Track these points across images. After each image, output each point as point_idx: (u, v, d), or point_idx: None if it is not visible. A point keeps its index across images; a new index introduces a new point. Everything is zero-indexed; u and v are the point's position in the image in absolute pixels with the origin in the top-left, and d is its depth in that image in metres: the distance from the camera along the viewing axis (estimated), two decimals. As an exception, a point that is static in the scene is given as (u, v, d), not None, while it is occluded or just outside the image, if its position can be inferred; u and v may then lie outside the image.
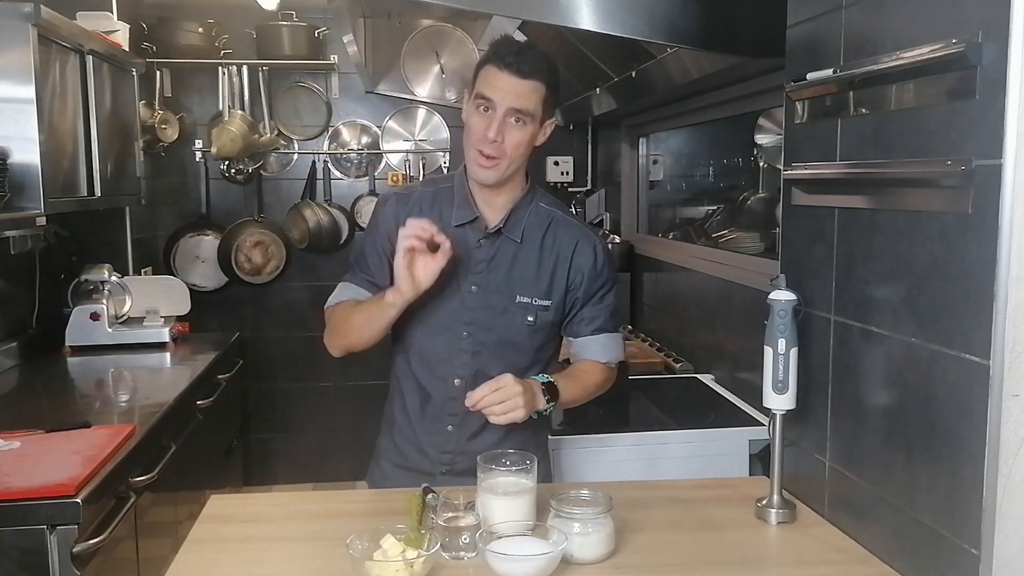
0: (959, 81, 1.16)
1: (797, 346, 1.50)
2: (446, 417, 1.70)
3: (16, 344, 2.90)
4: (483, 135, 1.57)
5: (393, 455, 1.78)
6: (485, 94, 1.57)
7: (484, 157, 1.59)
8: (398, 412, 1.77)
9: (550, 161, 4.22)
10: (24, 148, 2.34)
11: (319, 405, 4.23)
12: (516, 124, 1.58)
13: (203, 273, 4.11)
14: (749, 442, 2.21)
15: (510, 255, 1.68)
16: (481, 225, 1.67)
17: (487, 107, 1.57)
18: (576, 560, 1.33)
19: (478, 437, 1.70)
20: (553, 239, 1.70)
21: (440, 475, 1.71)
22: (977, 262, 1.12)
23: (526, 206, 1.70)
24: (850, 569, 1.36)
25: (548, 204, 1.74)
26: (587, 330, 1.73)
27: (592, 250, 1.71)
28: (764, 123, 2.82)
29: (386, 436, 1.81)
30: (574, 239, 1.71)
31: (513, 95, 1.56)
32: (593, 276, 1.71)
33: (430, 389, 1.71)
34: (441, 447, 1.72)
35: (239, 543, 1.45)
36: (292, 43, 3.94)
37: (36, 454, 1.92)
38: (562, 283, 1.70)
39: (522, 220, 1.69)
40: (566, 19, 1.79)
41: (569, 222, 1.74)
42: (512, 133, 1.58)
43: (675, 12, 1.82)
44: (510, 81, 1.56)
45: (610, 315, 1.76)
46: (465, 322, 1.67)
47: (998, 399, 1.10)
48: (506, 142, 1.58)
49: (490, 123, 1.57)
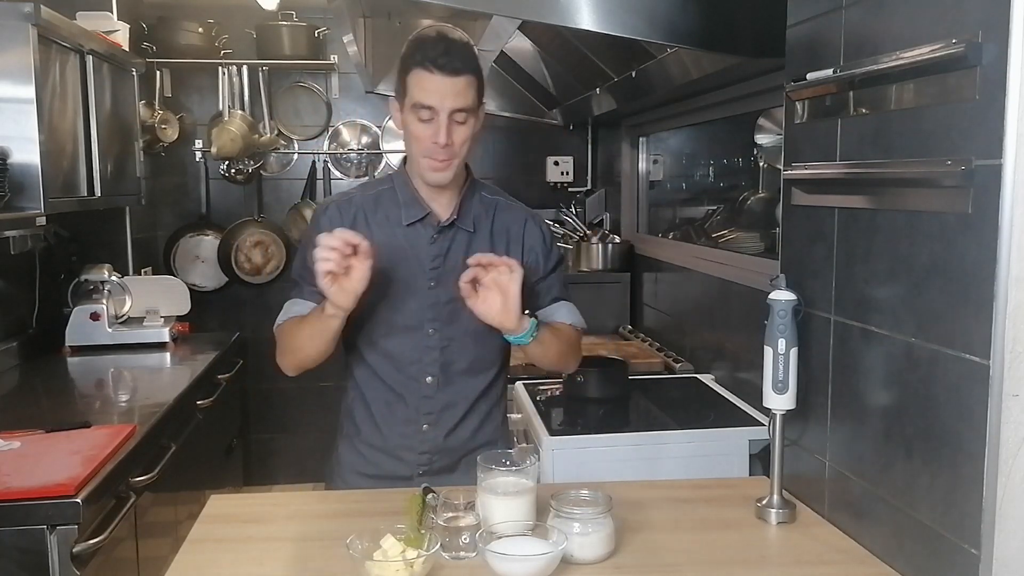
0: (959, 81, 1.16)
1: (797, 346, 1.51)
2: (421, 417, 1.70)
3: (16, 344, 2.90)
4: (432, 143, 1.57)
5: (360, 465, 1.75)
6: (425, 103, 1.55)
7: (437, 162, 1.59)
8: (362, 421, 1.75)
9: (550, 161, 4.22)
10: (24, 148, 2.34)
11: (319, 405, 4.23)
12: (460, 123, 1.58)
13: (203, 273, 4.11)
14: (749, 442, 2.20)
15: (464, 246, 1.68)
16: (433, 220, 1.68)
17: (428, 118, 1.56)
18: (576, 560, 1.33)
19: (454, 433, 1.72)
20: (502, 224, 1.73)
21: (417, 476, 1.70)
22: (977, 262, 1.12)
23: (472, 196, 1.71)
24: (850, 569, 1.36)
25: (489, 192, 1.77)
26: (547, 300, 1.77)
27: (539, 229, 1.76)
28: (764, 123, 2.82)
29: (348, 448, 1.77)
30: (521, 221, 1.75)
31: (452, 96, 1.55)
32: (544, 252, 1.76)
33: (401, 391, 1.70)
34: (418, 448, 1.71)
35: (239, 543, 1.45)
36: (292, 43, 3.94)
37: (36, 454, 1.92)
38: None
39: (471, 210, 1.70)
40: (566, 19, 1.79)
41: (512, 206, 1.78)
42: (458, 132, 1.58)
43: (675, 12, 1.82)
44: (445, 82, 1.54)
45: (563, 286, 1.81)
46: (429, 319, 1.67)
47: (998, 399, 1.10)
48: (455, 142, 1.58)
49: (436, 130, 1.56)
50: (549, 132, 4.21)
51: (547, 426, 2.28)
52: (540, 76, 3.51)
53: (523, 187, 4.26)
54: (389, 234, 1.67)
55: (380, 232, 1.67)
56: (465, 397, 1.72)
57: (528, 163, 4.28)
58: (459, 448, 1.73)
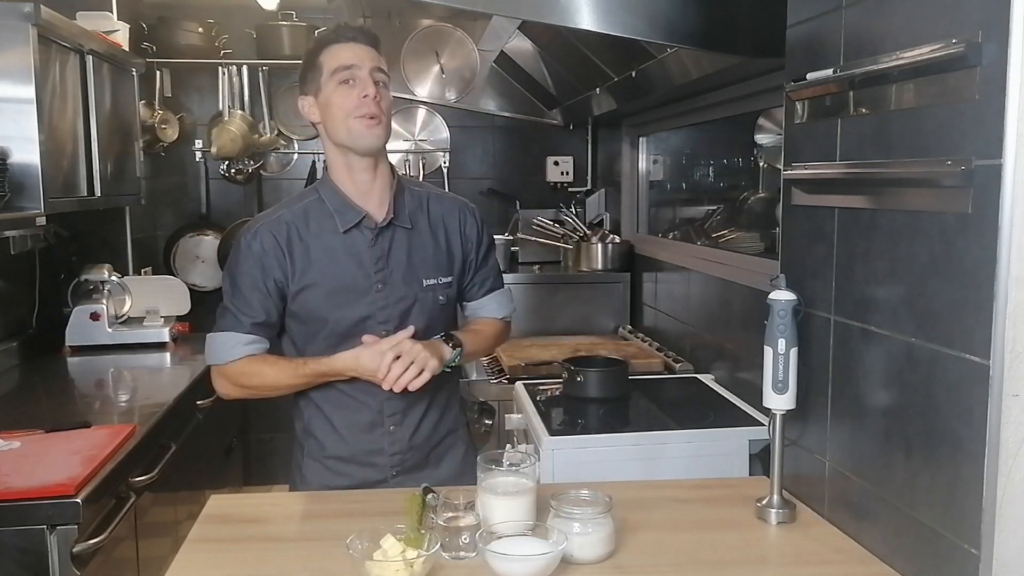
0: (959, 81, 1.16)
1: (797, 346, 1.51)
2: (386, 420, 1.71)
3: (16, 344, 2.90)
4: (358, 99, 1.59)
5: (329, 479, 1.74)
6: (346, 63, 1.59)
7: (368, 119, 1.59)
8: (324, 435, 1.73)
9: (550, 161, 4.22)
10: (24, 148, 2.34)
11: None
12: (382, 87, 1.62)
13: (203, 273, 4.11)
14: (749, 442, 2.20)
15: (405, 243, 1.69)
16: (370, 223, 1.67)
17: (350, 77, 1.59)
18: (576, 560, 1.33)
19: (419, 429, 1.74)
20: (438, 215, 1.74)
21: (392, 478, 1.72)
22: (977, 262, 1.12)
23: (401, 193, 1.72)
24: (850, 569, 1.36)
25: (416, 186, 1.78)
26: (481, 292, 1.79)
27: (474, 219, 1.78)
28: (764, 123, 2.81)
29: (314, 466, 1.75)
30: (456, 211, 1.76)
31: (370, 58, 1.61)
32: (479, 241, 1.77)
33: (362, 399, 1.70)
34: (388, 450, 1.72)
35: (239, 543, 1.45)
36: (292, 43, 3.93)
37: (36, 454, 1.92)
38: (459, 256, 1.75)
39: (404, 206, 1.71)
40: (566, 19, 1.79)
41: (443, 195, 1.80)
42: (383, 93, 1.61)
43: (675, 12, 1.82)
44: (361, 48, 1.61)
45: (497, 274, 1.83)
46: (380, 322, 1.66)
47: (998, 399, 1.10)
48: (382, 101, 1.60)
49: (363, 85, 1.59)
50: (549, 132, 4.21)
51: (547, 426, 2.28)
52: (540, 76, 3.51)
53: (523, 187, 4.27)
54: (326, 244, 1.66)
55: (316, 244, 1.66)
56: (424, 393, 1.69)
57: (528, 163, 4.28)
58: (425, 443, 1.75)
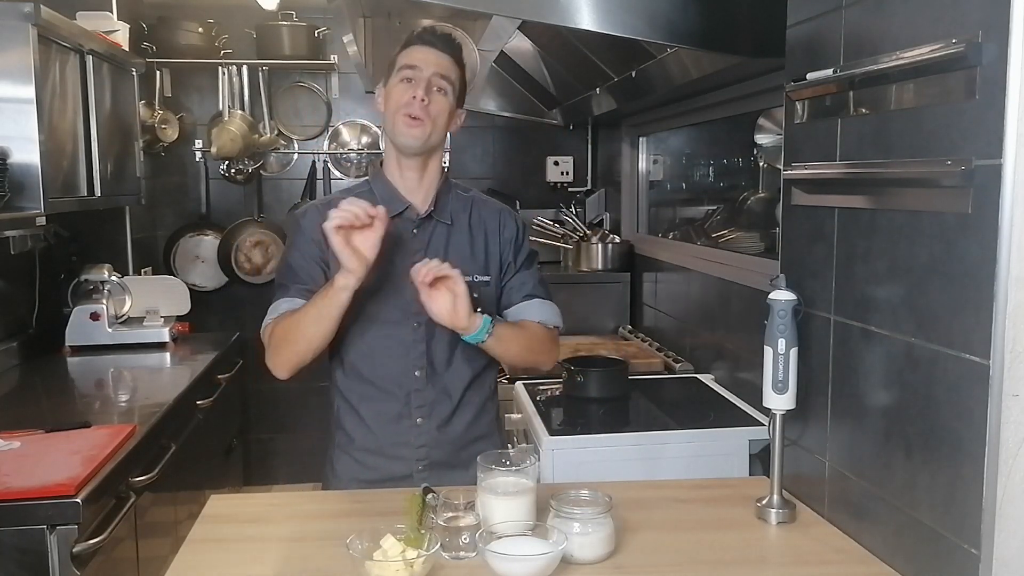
0: (959, 81, 1.16)
1: (797, 346, 1.51)
2: (414, 411, 1.71)
3: (16, 344, 2.90)
4: (408, 99, 1.63)
5: (358, 471, 1.75)
6: (409, 63, 1.65)
7: (410, 118, 1.63)
8: (353, 428, 1.75)
9: (550, 161, 4.22)
10: (24, 148, 2.34)
11: (319, 405, 4.17)
12: (439, 92, 1.65)
13: (203, 273, 4.11)
14: (749, 442, 2.20)
15: (444, 238, 1.72)
16: (412, 214, 1.71)
17: (410, 77, 1.64)
18: (576, 560, 1.33)
19: (448, 425, 1.73)
20: (479, 218, 1.77)
21: (417, 473, 1.71)
22: (977, 262, 1.12)
23: (447, 192, 1.76)
24: (850, 569, 1.36)
25: (464, 191, 1.81)
26: (519, 296, 1.78)
27: (514, 223, 1.80)
28: (764, 123, 2.81)
29: (343, 457, 1.77)
30: (497, 215, 1.79)
31: (435, 63, 1.66)
32: (518, 246, 1.79)
33: (389, 388, 1.71)
34: (414, 443, 1.72)
35: (239, 543, 1.45)
36: (292, 43, 3.94)
37: (36, 454, 1.92)
38: (496, 257, 1.76)
39: (448, 204, 1.75)
40: (566, 19, 1.79)
41: (488, 201, 1.82)
42: (436, 99, 1.65)
43: (675, 12, 1.82)
44: (432, 52, 1.66)
45: (538, 282, 1.82)
46: (413, 312, 1.66)
47: (998, 399, 1.10)
48: (431, 106, 1.64)
49: (415, 88, 1.63)
50: (549, 132, 4.21)
51: (547, 426, 2.28)
52: (540, 76, 3.51)
53: (523, 187, 4.26)
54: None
55: None
56: (455, 388, 1.73)
57: (528, 163, 4.28)
58: (455, 441, 1.74)
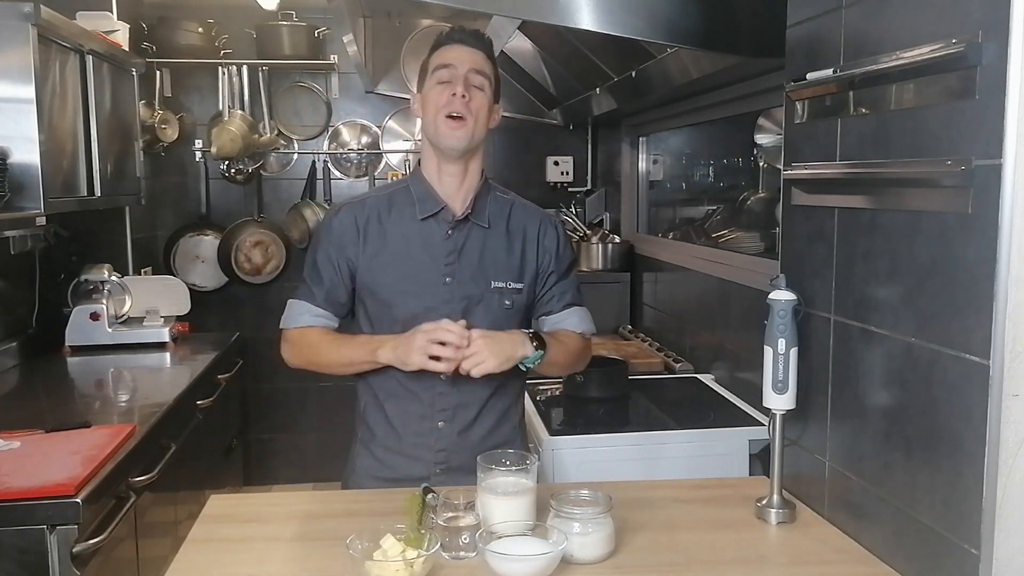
0: (959, 81, 1.16)
1: (797, 346, 1.51)
2: (436, 414, 1.71)
3: (16, 344, 2.90)
4: (447, 98, 1.63)
5: (376, 469, 1.76)
6: (445, 62, 1.65)
7: (452, 119, 1.63)
8: (377, 425, 1.76)
9: (550, 161, 4.22)
10: (24, 148, 2.34)
11: (319, 405, 4.23)
12: (477, 89, 1.65)
13: (203, 273, 4.11)
14: (749, 442, 2.20)
15: (479, 242, 1.70)
16: (448, 215, 1.69)
17: (447, 77, 1.64)
18: (576, 560, 1.33)
19: (469, 430, 1.72)
20: (518, 223, 1.75)
21: (435, 475, 1.70)
22: (977, 262, 1.12)
23: (486, 194, 1.74)
24: (850, 569, 1.36)
25: (503, 193, 1.79)
26: (559, 305, 1.78)
27: (555, 231, 1.78)
28: (764, 123, 2.82)
29: (364, 453, 1.78)
30: (537, 221, 1.77)
31: (470, 60, 1.66)
32: (559, 255, 1.77)
33: (415, 388, 1.70)
34: (434, 446, 1.72)
35: (239, 543, 1.45)
36: (292, 43, 3.94)
37: (36, 454, 1.92)
38: (532, 265, 1.74)
39: (486, 207, 1.73)
40: (566, 19, 1.79)
41: (528, 206, 1.80)
42: (475, 95, 1.64)
43: (675, 12, 1.82)
44: (465, 50, 1.66)
45: (577, 290, 1.81)
46: (444, 315, 1.66)
47: (998, 399, 1.10)
48: (471, 103, 1.63)
49: (454, 86, 1.63)
50: (549, 132, 4.21)
51: (547, 426, 2.28)
52: (540, 76, 3.51)
53: (523, 187, 4.21)
54: (403, 230, 1.69)
55: (394, 229, 1.70)
56: (479, 394, 1.71)
57: (528, 163, 4.28)
58: (475, 447, 1.71)
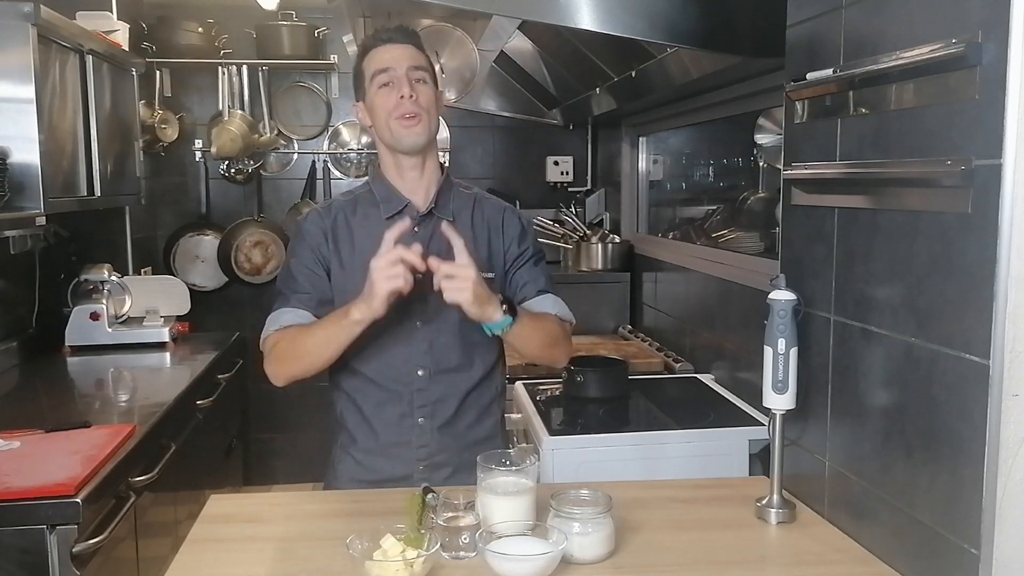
0: (959, 81, 1.16)
1: (797, 346, 1.50)
2: (416, 411, 1.70)
3: (16, 344, 2.90)
4: (396, 101, 1.63)
5: (358, 472, 1.74)
6: (382, 66, 1.65)
7: (407, 119, 1.63)
8: (355, 427, 1.74)
9: (550, 161, 4.22)
10: (24, 148, 2.34)
11: (319, 405, 4.18)
12: (420, 82, 1.65)
13: (203, 273, 4.11)
14: (749, 442, 2.20)
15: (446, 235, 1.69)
16: (412, 211, 1.70)
17: (387, 80, 1.64)
18: (576, 560, 1.33)
19: (450, 426, 1.71)
20: (481, 215, 1.76)
21: (417, 473, 1.70)
22: (977, 262, 1.12)
23: (449, 189, 1.75)
24: (850, 569, 1.36)
25: (466, 188, 1.80)
26: (532, 291, 1.76)
27: (517, 220, 1.80)
28: (764, 123, 2.81)
29: (344, 457, 1.76)
30: (500, 212, 1.78)
31: (406, 57, 1.66)
32: (522, 242, 1.77)
33: (392, 387, 1.70)
34: (415, 443, 1.71)
35: (239, 543, 1.45)
36: (292, 43, 3.94)
37: (36, 454, 1.92)
38: (499, 254, 1.75)
39: (449, 201, 1.74)
40: (566, 19, 1.79)
41: (490, 198, 1.81)
42: (421, 90, 1.65)
43: (675, 12, 1.82)
44: (397, 48, 1.67)
45: (548, 279, 1.80)
46: (416, 311, 1.67)
47: (998, 399, 1.10)
48: (420, 99, 1.64)
49: (399, 85, 1.63)
50: (549, 132, 4.21)
51: (547, 426, 2.28)
52: (540, 76, 3.52)
53: (523, 187, 4.26)
54: (370, 230, 1.67)
55: (361, 230, 1.70)
56: (458, 389, 1.71)
57: (528, 163, 4.28)
58: (456, 443, 1.72)
